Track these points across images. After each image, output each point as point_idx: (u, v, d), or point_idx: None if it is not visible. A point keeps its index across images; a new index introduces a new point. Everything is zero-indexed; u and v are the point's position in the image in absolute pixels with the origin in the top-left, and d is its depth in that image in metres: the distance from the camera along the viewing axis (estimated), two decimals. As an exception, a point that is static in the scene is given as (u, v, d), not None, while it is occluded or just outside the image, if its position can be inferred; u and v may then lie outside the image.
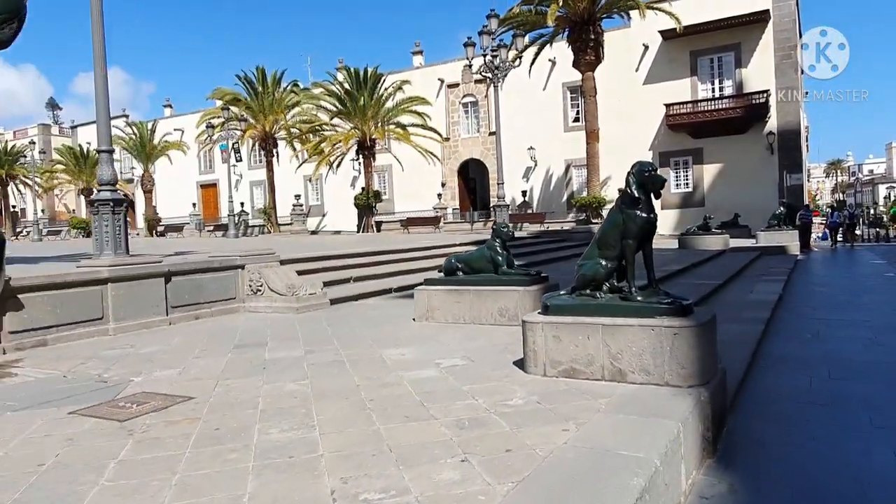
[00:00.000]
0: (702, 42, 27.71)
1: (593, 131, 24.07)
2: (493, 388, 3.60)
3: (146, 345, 5.53)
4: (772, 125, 26.60)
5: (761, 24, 26.63)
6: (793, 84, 26.55)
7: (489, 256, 5.94)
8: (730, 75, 27.69)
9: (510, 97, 32.63)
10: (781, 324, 6.94)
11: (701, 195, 28.25)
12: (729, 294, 8.99)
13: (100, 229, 9.13)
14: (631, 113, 29.22)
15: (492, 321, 5.72)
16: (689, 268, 11.81)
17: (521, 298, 5.58)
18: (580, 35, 23.73)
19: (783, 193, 24.80)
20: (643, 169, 3.84)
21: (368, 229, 30.07)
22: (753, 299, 8.37)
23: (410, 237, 22.36)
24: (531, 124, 31.91)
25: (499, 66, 20.00)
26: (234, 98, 32.47)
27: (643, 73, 29.33)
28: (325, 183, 39.26)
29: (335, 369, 4.26)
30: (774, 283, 10.16)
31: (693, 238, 16.91)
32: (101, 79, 9.21)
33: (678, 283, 9.54)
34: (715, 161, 27.87)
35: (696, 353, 3.46)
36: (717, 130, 27.06)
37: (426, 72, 35.48)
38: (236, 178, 43.87)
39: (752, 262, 14.08)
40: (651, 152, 29.24)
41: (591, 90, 23.97)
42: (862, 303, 8.37)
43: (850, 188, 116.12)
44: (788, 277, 11.37)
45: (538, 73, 31.34)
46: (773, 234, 17.47)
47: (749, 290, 9.28)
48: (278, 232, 33.63)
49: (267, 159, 33.97)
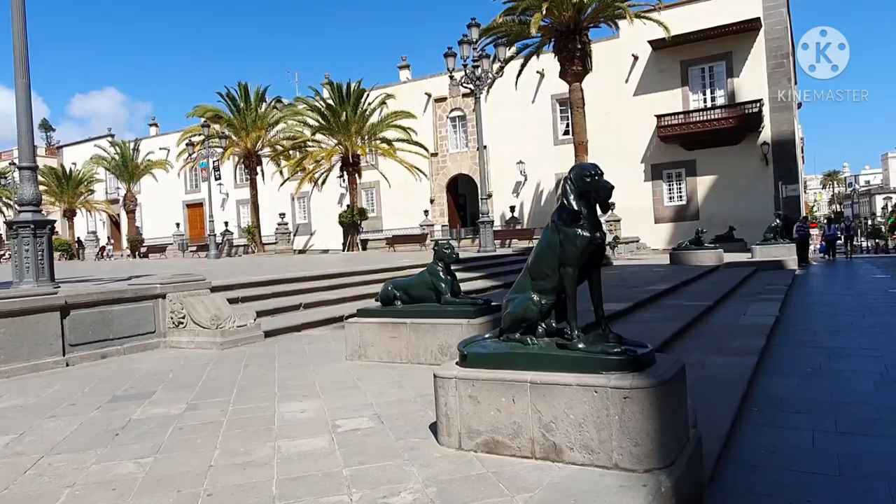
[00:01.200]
0: (692, 52, 27.07)
1: (581, 143, 23.26)
2: (383, 472, 2.66)
3: (12, 395, 4.59)
4: (766, 135, 25.85)
5: (753, 33, 25.98)
6: (786, 93, 25.83)
7: (430, 283, 5.02)
8: (721, 85, 27.00)
9: (498, 110, 32.01)
10: (778, 354, 6.01)
11: (695, 208, 27.42)
12: (720, 317, 8.06)
13: (20, 254, 8.21)
14: (621, 125, 28.50)
15: (431, 360, 4.79)
16: (678, 286, 10.89)
17: (464, 333, 4.66)
18: (566, 45, 23.00)
19: (779, 205, 23.97)
20: (583, 173, 2.91)
21: (354, 248, 29.20)
22: (747, 323, 7.45)
23: (392, 256, 21.47)
24: (520, 138, 31.21)
25: (481, 76, 19.22)
26: (215, 115, 31.76)
27: (633, 84, 28.66)
28: (311, 201, 38.47)
29: (203, 436, 3.33)
30: (770, 302, 9.24)
31: (685, 253, 16.00)
32: (22, 89, 8.35)
33: (664, 305, 8.63)
34: (708, 173, 27.07)
35: (655, 424, 2.53)
36: (710, 142, 26.30)
37: (413, 86, 34.85)
38: (223, 196, 43.22)
39: (748, 279, 13.17)
40: (643, 164, 28.51)
41: (579, 101, 23.19)
42: (867, 326, 7.44)
43: (847, 199, 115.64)
44: (786, 296, 10.45)
45: (527, 86, 30.67)
46: (770, 247, 16.56)
47: (742, 312, 8.36)
48: (262, 252, 32.75)
49: (250, 177, 33.18)
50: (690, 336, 6.67)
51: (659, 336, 6.09)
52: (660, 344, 5.91)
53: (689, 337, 6.64)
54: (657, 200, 28.14)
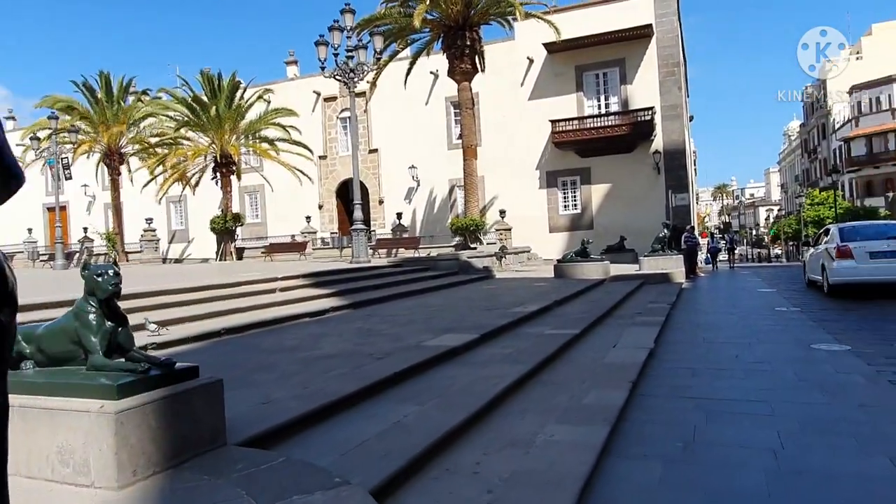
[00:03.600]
0: (587, 57, 26.43)
1: (471, 147, 21.83)
2: None
3: None
4: (658, 144, 25.53)
5: (645, 40, 25.64)
6: (677, 101, 25.65)
7: (75, 331, 2.97)
8: (615, 92, 26.51)
9: (390, 112, 30.17)
10: (642, 415, 4.40)
11: (590, 217, 26.71)
12: (584, 351, 6.48)
13: None
14: (517, 130, 27.45)
15: (48, 474, 2.74)
16: (550, 307, 9.36)
17: (96, 429, 2.65)
18: (455, 41, 21.56)
19: (669, 214, 23.55)
20: None
21: (227, 257, 26.35)
22: (613, 361, 5.88)
23: (263, 266, 18.97)
24: (413, 141, 29.48)
25: (355, 69, 17.25)
26: (68, 106, 27.94)
27: (528, 88, 27.68)
28: (189, 206, 35.04)
29: None
30: (648, 328, 7.82)
31: (570, 266, 14.72)
32: None
33: (521, 335, 6.97)
34: (603, 181, 26.46)
35: None
36: (604, 149, 25.67)
37: (301, 84, 32.41)
38: (88, 199, 38.80)
39: (632, 295, 11.93)
40: (538, 172, 27.54)
41: (468, 102, 21.78)
42: (754, 361, 6.08)
43: (735, 211, 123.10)
44: (668, 316, 9.14)
45: (420, 87, 29.06)
46: (657, 259, 15.61)
47: (613, 343, 6.84)
48: (125, 261, 29.11)
49: (112, 177, 29.56)
50: (535, 386, 4.98)
51: (483, 394, 4.34)
52: (485, 404, 4.16)
53: (534, 387, 4.94)
54: (552, 209, 27.24)
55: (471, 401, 4.20)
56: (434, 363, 5.32)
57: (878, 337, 7.12)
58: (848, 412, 4.30)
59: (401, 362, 5.08)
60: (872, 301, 10.48)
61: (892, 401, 4.57)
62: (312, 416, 3.74)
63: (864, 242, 11.14)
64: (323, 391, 4.19)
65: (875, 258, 10.77)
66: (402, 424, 3.72)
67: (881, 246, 10.88)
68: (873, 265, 10.74)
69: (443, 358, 5.53)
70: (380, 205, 30.99)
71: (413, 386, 4.64)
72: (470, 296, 11.35)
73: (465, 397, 4.30)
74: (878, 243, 11.00)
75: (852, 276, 10.98)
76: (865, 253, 10.84)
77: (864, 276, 10.85)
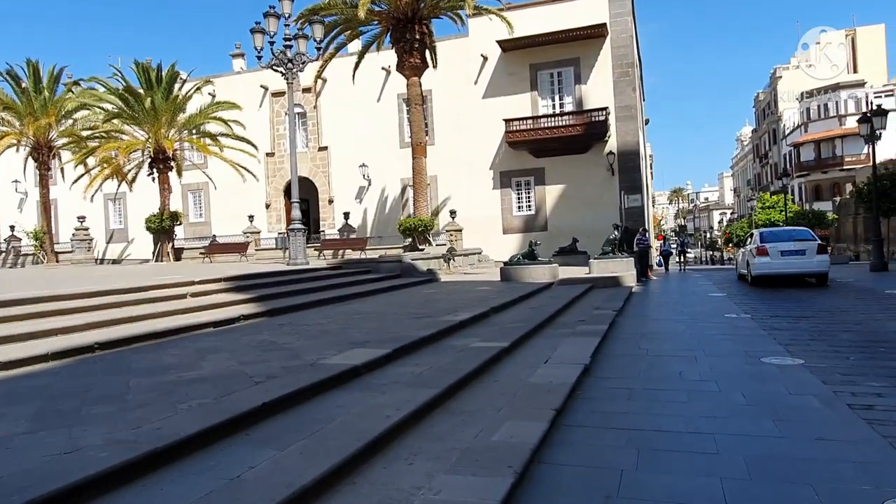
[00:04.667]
0: (541, 55, 25.91)
1: (420, 144, 20.99)
2: None
3: None
4: (612, 145, 25.15)
5: (599, 39, 25.25)
6: (631, 102, 25.33)
7: None
8: (570, 91, 26.05)
9: (341, 109, 29.12)
10: (558, 458, 3.62)
11: (544, 218, 26.18)
12: (511, 368, 5.69)
13: None
14: (471, 129, 26.75)
15: None
16: (486, 314, 8.58)
17: None
18: (403, 35, 20.68)
19: (621, 216, 23.16)
20: None
21: (164, 258, 24.89)
22: (540, 382, 5.10)
23: (197, 268, 17.73)
24: (365, 139, 28.51)
25: (293, 59, 16.24)
26: (-12, 96, 26.00)
27: (482, 87, 27.01)
28: (128, 204, 33.27)
29: None
30: (588, 338, 7.11)
31: (517, 269, 14.00)
32: None
33: (444, 349, 6.15)
34: (557, 182, 25.96)
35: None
36: (558, 149, 25.17)
37: (247, 78, 31.08)
38: (20, 196, 36.53)
39: (577, 300, 11.26)
40: (492, 171, 26.89)
41: (417, 97, 20.94)
42: (699, 380, 5.40)
43: (690, 214, 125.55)
44: (612, 325, 8.46)
45: (372, 84, 28.15)
46: (607, 262, 15.03)
47: (546, 357, 6.08)
48: (54, 262, 27.33)
49: (40, 172, 27.62)
50: (440, 417, 4.15)
51: (367, 432, 3.48)
52: (364, 446, 3.31)
53: (438, 418, 4.11)
54: (506, 210, 26.62)
55: (348, 442, 3.34)
56: (324, 388, 4.44)
57: (831, 349, 6.55)
58: (804, 449, 3.60)
59: (279, 388, 4.20)
60: (814, 300, 10.05)
61: (852, 431, 3.90)
62: (122, 472, 2.82)
63: (776, 243, 14.29)
64: (157, 433, 3.27)
65: (784, 255, 14.07)
66: (241, 482, 2.84)
67: (789, 246, 14.18)
68: (783, 261, 14.07)
69: (340, 380, 4.66)
70: (329, 204, 29.91)
71: (284, 421, 3.76)
72: (404, 301, 10.49)
73: (343, 437, 3.44)
74: (787, 244, 14.25)
75: (768, 269, 14.23)
76: (778, 251, 14.10)
77: (777, 269, 14.17)
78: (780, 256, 13.99)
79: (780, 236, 15.08)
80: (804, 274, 14.27)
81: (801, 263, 14.00)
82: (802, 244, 14.24)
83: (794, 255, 14.00)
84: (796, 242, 14.28)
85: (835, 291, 12.80)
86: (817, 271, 14.03)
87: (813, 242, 14.36)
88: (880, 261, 18.35)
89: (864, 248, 36.23)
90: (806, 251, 14.07)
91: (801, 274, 14.26)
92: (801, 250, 14.07)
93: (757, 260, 14.32)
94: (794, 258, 13.99)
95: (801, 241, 14.43)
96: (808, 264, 13.98)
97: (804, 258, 13.99)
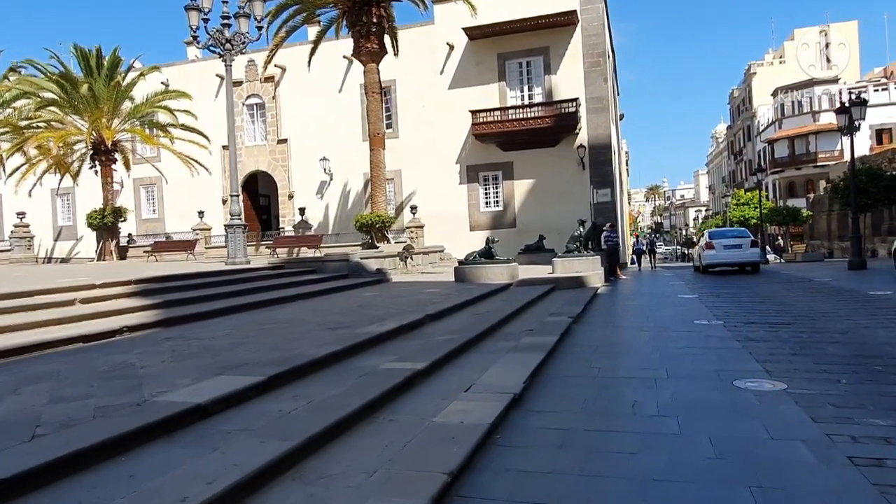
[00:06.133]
0: (510, 44, 24.75)
1: (378, 135, 19.68)
2: None
3: None
4: (582, 138, 24.10)
5: (570, 28, 24.17)
6: (602, 94, 24.29)
7: None
8: (539, 82, 24.93)
9: (300, 99, 27.67)
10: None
11: (512, 214, 25.05)
12: (415, 401, 4.45)
13: None
14: (436, 120, 25.51)
15: None
16: (420, 323, 7.36)
17: None
18: (360, 17, 19.35)
19: (591, 211, 22.11)
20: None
21: (108, 256, 23.30)
22: (446, 424, 3.88)
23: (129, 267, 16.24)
24: (326, 132, 27.10)
25: (231, 39, 14.84)
26: (-85, 82, 24.13)
27: (448, 77, 25.78)
28: (77, 200, 31.45)
29: None
30: (530, 354, 5.92)
31: (472, 269, 12.81)
32: None
33: (344, 369, 4.91)
34: (526, 177, 24.84)
35: None
36: (527, 142, 24.05)
37: (203, 66, 29.48)
38: (-39, 191, 34.41)
39: (533, 304, 10.10)
40: (458, 166, 25.68)
41: (374, 85, 19.62)
42: (659, 416, 4.24)
43: (666, 211, 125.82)
44: (564, 335, 7.31)
45: (333, 73, 26.82)
46: (572, 261, 13.89)
47: (470, 383, 4.86)
48: (-10, 261, 25.50)
49: (-25, 166, 25.74)
50: (282, 486, 2.90)
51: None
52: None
53: (277, 489, 2.86)
54: (473, 206, 25.45)
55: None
56: (129, 443, 3.17)
57: (818, 367, 5.44)
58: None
59: (60, 447, 2.92)
60: (793, 304, 9.01)
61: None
62: None
63: (721, 240, 18.36)
64: None
65: (726, 248, 17.94)
66: None
67: (729, 241, 18.16)
68: (726, 253, 17.96)
69: (166, 427, 3.39)
70: (290, 200, 28.45)
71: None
72: (335, 306, 9.23)
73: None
74: (728, 240, 18.24)
75: (714, 259, 18.08)
76: (722, 246, 18.02)
77: (720, 259, 18.06)
78: (723, 249, 17.90)
79: (724, 234, 19.37)
80: (741, 263, 18.09)
81: (738, 255, 17.82)
82: (739, 240, 18.09)
83: (733, 248, 17.90)
84: (735, 239, 18.29)
85: (814, 293, 11.82)
86: (751, 261, 18.03)
87: (747, 239, 18.21)
88: (859, 258, 17.52)
89: (838, 245, 35.73)
90: (742, 245, 17.90)
91: (739, 263, 18.09)
92: (738, 244, 17.92)
93: (706, 252, 18.21)
94: (734, 251, 17.87)
95: (739, 238, 18.35)
96: (744, 255, 17.84)
97: (741, 251, 17.85)
